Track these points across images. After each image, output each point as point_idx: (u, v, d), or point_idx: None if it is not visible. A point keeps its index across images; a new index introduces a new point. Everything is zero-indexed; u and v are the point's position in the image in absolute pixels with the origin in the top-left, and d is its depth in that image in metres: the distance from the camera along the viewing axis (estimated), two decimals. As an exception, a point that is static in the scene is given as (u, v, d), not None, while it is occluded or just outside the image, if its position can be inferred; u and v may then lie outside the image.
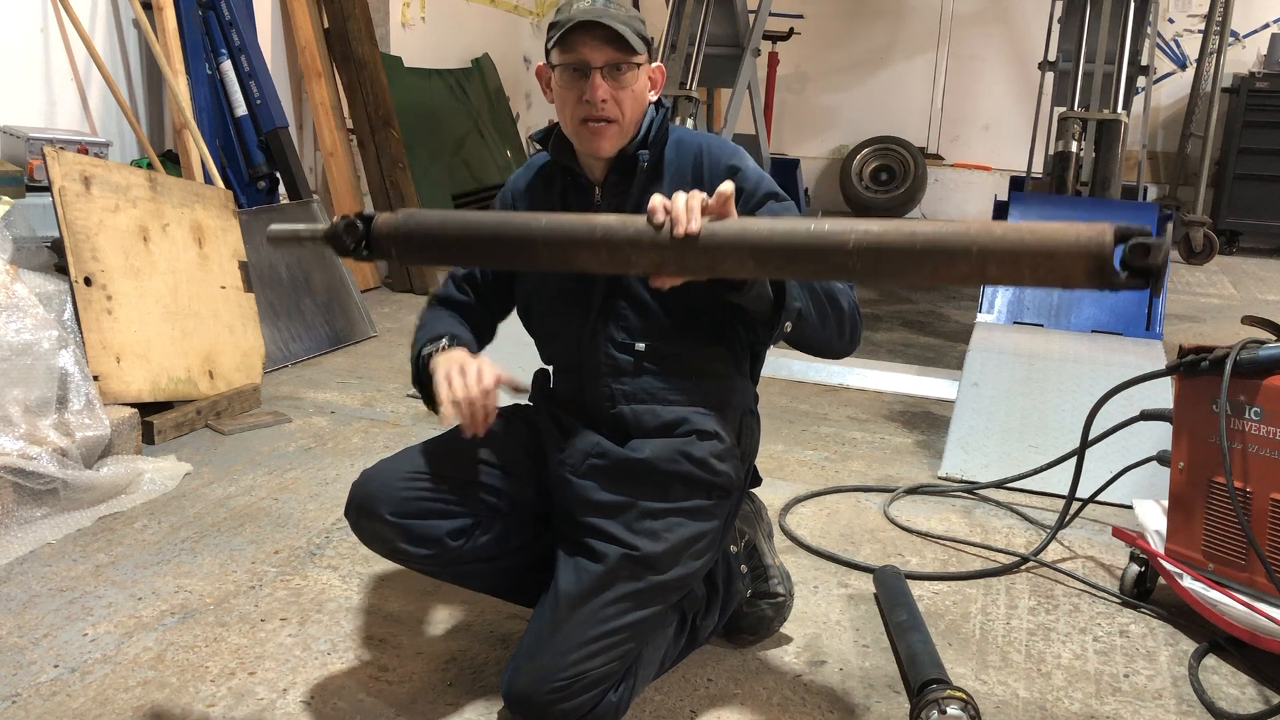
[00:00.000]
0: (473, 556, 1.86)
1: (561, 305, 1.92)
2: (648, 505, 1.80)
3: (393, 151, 4.96)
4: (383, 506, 1.80)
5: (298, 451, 3.08)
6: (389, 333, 4.38)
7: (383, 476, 1.83)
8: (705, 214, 1.51)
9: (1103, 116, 4.42)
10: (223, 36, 4.19)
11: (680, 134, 1.92)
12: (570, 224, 1.57)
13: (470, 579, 1.97)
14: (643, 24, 1.82)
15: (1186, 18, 7.97)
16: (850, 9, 8.62)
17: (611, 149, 1.83)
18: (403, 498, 1.80)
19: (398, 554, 1.84)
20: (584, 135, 1.81)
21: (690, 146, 1.89)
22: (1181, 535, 2.21)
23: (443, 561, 1.85)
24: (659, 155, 1.88)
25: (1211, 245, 6.65)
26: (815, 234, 1.44)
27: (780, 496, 2.83)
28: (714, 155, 1.87)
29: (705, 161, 1.86)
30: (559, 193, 1.93)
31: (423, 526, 1.80)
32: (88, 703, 1.86)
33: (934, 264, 1.41)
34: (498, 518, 1.88)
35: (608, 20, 1.73)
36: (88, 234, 2.98)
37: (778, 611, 2.11)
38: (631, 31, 1.76)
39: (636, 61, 1.78)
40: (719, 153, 1.87)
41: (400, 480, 1.82)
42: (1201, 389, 2.14)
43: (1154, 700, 1.99)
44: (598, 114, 1.77)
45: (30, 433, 2.52)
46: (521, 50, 7.51)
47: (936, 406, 3.70)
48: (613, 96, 1.77)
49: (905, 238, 1.41)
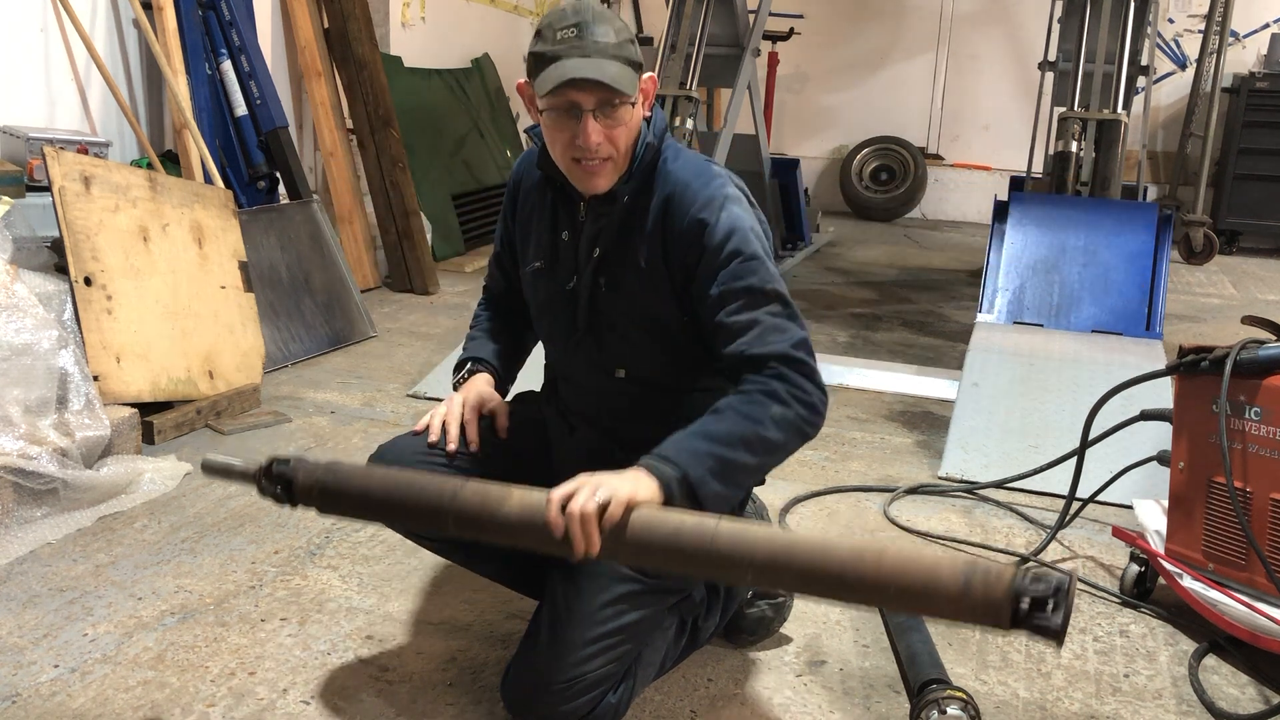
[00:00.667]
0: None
1: (553, 313, 1.92)
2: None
3: (393, 151, 4.96)
4: None
5: (298, 452, 3.08)
6: (389, 333, 4.38)
7: (398, 449, 1.87)
8: (604, 526, 1.47)
9: (1103, 116, 4.42)
10: (223, 36, 4.19)
11: (668, 160, 1.80)
12: (482, 503, 1.54)
13: (478, 560, 1.98)
14: (632, 42, 1.70)
15: (1186, 18, 7.97)
16: (850, 9, 8.62)
17: (607, 185, 1.75)
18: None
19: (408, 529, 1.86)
20: (577, 174, 1.75)
21: (668, 184, 1.77)
22: (1181, 535, 2.21)
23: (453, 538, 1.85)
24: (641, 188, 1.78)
25: (1211, 245, 6.65)
26: (716, 551, 1.43)
27: (780, 496, 2.83)
28: (684, 205, 1.74)
29: (674, 211, 1.75)
30: (550, 201, 1.90)
31: None
32: (88, 703, 1.86)
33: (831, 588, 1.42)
34: None
35: (597, 67, 1.63)
36: (88, 234, 2.98)
37: (777, 612, 2.11)
38: (622, 64, 1.66)
39: (630, 100, 1.69)
40: (690, 202, 1.74)
41: (414, 455, 1.85)
42: (1201, 389, 2.14)
43: (1154, 700, 1.99)
44: (591, 156, 1.70)
45: (30, 433, 2.52)
46: (521, 50, 7.50)
47: (936, 406, 3.70)
48: (607, 136, 1.69)
49: (811, 561, 1.41)
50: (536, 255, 1.90)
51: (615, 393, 1.87)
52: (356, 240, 4.97)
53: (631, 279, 1.79)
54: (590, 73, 1.63)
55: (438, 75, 6.16)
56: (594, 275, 1.81)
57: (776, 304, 1.70)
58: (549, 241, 1.87)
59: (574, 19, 1.65)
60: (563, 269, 1.86)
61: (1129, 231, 4.09)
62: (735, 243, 1.70)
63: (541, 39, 1.68)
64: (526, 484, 1.89)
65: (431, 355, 4.07)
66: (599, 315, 1.83)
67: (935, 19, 8.54)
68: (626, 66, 1.67)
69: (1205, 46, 6.93)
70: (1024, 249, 4.16)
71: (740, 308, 1.68)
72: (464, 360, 2.04)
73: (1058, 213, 4.22)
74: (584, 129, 1.67)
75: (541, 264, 1.89)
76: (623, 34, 1.69)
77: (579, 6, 1.68)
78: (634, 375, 1.84)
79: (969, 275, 6.20)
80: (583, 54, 1.64)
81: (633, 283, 1.79)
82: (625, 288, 1.80)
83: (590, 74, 1.63)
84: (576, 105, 1.66)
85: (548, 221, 1.88)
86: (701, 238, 1.71)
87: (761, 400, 1.63)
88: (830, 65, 8.77)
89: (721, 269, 1.70)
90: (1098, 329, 3.89)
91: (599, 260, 1.80)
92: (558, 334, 1.92)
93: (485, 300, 2.15)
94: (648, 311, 1.79)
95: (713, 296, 1.70)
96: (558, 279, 1.87)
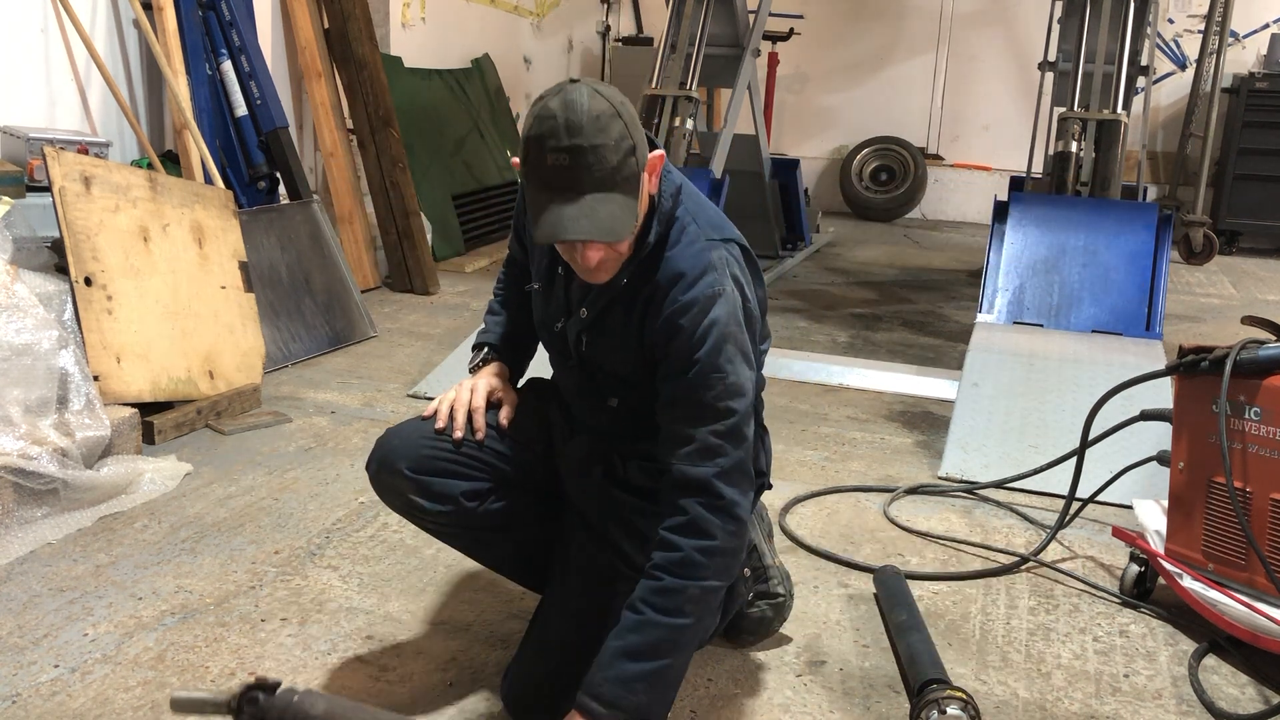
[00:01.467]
0: (485, 522, 1.88)
1: (548, 333, 1.92)
2: (643, 505, 1.81)
3: (393, 151, 4.96)
4: (402, 461, 1.82)
5: (298, 451, 3.08)
6: (389, 333, 4.38)
7: (405, 434, 1.87)
8: None
9: (1103, 116, 4.42)
10: (223, 37, 4.19)
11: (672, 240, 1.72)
12: None
13: (480, 547, 1.98)
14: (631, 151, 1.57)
15: (1186, 18, 7.97)
16: (850, 9, 8.62)
17: (608, 277, 1.71)
18: (422, 455, 1.83)
19: (413, 509, 1.86)
20: (576, 268, 1.71)
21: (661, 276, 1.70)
22: (1181, 535, 2.21)
23: (456, 521, 1.86)
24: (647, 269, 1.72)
25: (1211, 245, 6.65)
26: None
27: (780, 496, 2.83)
28: (669, 303, 1.68)
29: (657, 306, 1.70)
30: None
31: (439, 484, 1.82)
32: (88, 703, 1.86)
33: None
34: (513, 488, 1.90)
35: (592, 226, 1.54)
36: (88, 234, 2.98)
37: (778, 612, 2.11)
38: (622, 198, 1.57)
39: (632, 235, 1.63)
40: (674, 301, 1.68)
41: (422, 438, 1.85)
42: (1201, 389, 2.14)
43: (1154, 700, 1.99)
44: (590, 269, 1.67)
45: (30, 433, 2.52)
46: (521, 51, 7.52)
47: (936, 406, 3.70)
48: (608, 252, 1.64)
49: None
50: (537, 276, 1.91)
51: (609, 415, 1.88)
52: (356, 240, 4.97)
53: (612, 344, 1.79)
54: (584, 233, 1.55)
55: (438, 75, 6.16)
56: (578, 331, 1.83)
57: (722, 421, 1.65)
58: (548, 268, 1.87)
59: (567, 141, 1.52)
60: (555, 305, 1.87)
61: (1129, 232, 4.09)
62: (705, 353, 1.65)
63: (532, 153, 1.57)
64: (528, 478, 1.91)
65: (432, 355, 4.07)
66: (587, 360, 1.85)
67: (935, 19, 8.54)
68: (627, 197, 1.58)
69: (1205, 46, 6.93)
70: (1024, 249, 4.16)
71: (686, 419, 1.66)
72: (480, 344, 2.04)
73: (1058, 213, 4.22)
74: (582, 254, 1.63)
75: (539, 287, 1.91)
76: (622, 143, 1.56)
77: (572, 120, 1.53)
78: (625, 404, 1.85)
79: (969, 275, 6.20)
80: (578, 193, 1.55)
81: (613, 347, 1.79)
82: (607, 349, 1.80)
83: (583, 235, 1.56)
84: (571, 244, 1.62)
85: (548, 251, 1.86)
86: (674, 340, 1.67)
87: (675, 588, 1.61)
88: (830, 65, 8.77)
89: (681, 376, 1.67)
90: (1098, 329, 3.89)
91: (586, 322, 1.81)
92: (554, 353, 1.94)
93: (506, 268, 2.13)
94: (630, 368, 1.80)
95: (665, 397, 1.69)
96: (550, 311, 1.88)
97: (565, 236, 1.56)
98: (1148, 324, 3.90)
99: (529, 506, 1.94)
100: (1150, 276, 3.99)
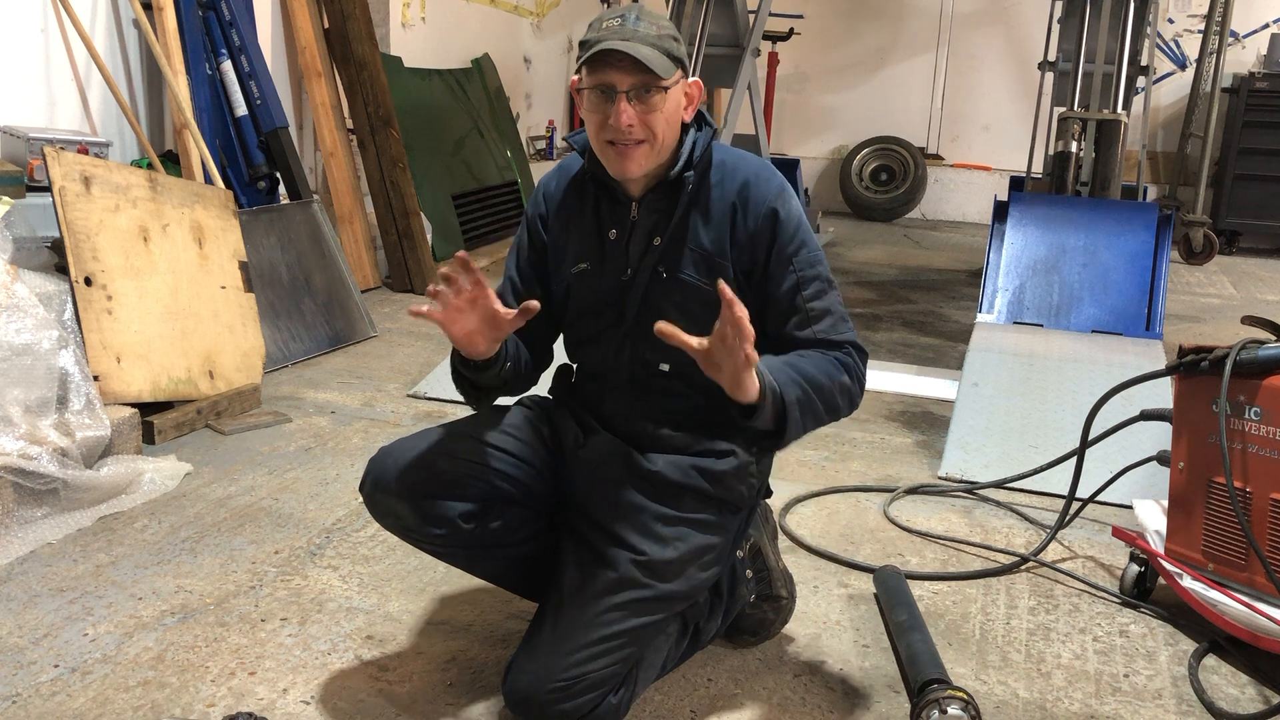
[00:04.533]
0: (483, 541, 1.87)
1: (597, 313, 1.92)
2: (659, 510, 1.81)
3: (393, 151, 4.96)
4: (397, 483, 1.81)
5: (298, 451, 3.08)
6: (389, 333, 4.38)
7: (400, 454, 1.84)
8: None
9: (1102, 116, 4.42)
10: (223, 36, 4.19)
11: (725, 156, 1.88)
12: None
13: (479, 565, 1.98)
14: (676, 40, 1.78)
15: (1186, 18, 7.97)
16: (850, 9, 8.62)
17: (639, 170, 1.80)
18: (418, 476, 1.81)
19: (409, 532, 1.85)
20: (610, 156, 1.79)
21: (736, 176, 1.85)
22: (1181, 535, 2.22)
23: (453, 543, 1.86)
24: (703, 178, 1.86)
25: (1211, 245, 6.65)
26: None
27: (780, 496, 2.83)
28: (758, 195, 1.83)
29: (751, 199, 1.83)
30: (592, 204, 1.91)
31: (436, 506, 1.81)
32: (88, 703, 1.86)
33: None
34: (511, 505, 1.89)
35: (633, 48, 1.70)
36: (88, 234, 2.98)
37: (779, 613, 2.11)
38: (660, 53, 1.73)
39: (665, 85, 1.74)
40: (763, 192, 1.83)
41: (417, 459, 1.83)
42: (1201, 389, 2.14)
43: (1154, 700, 1.99)
44: (624, 138, 1.75)
45: (30, 433, 2.52)
46: (521, 50, 7.51)
47: (936, 406, 3.70)
48: (640, 120, 1.74)
49: None
50: (580, 258, 1.91)
51: (654, 390, 1.88)
52: (357, 240, 4.97)
53: (691, 265, 1.85)
54: (628, 40, 1.71)
55: (438, 75, 6.16)
56: (653, 265, 1.85)
57: (838, 293, 1.89)
58: (595, 242, 1.89)
59: (620, 12, 1.76)
60: (613, 266, 1.88)
61: (1129, 231, 4.10)
62: (803, 234, 1.85)
63: (589, 30, 1.78)
64: (528, 493, 1.88)
65: (432, 355, 4.07)
66: (650, 306, 1.84)
67: (935, 19, 8.54)
68: (664, 56, 1.74)
69: (1205, 46, 6.93)
70: (1024, 249, 4.16)
71: (816, 294, 1.84)
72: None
73: (1058, 213, 4.22)
74: (616, 110, 1.73)
75: (588, 265, 1.90)
76: (665, 30, 1.77)
77: (629, 5, 1.80)
78: (676, 370, 1.85)
79: (969, 275, 6.20)
80: (622, 38, 1.72)
81: (692, 268, 1.85)
82: (684, 274, 1.85)
83: (628, 43, 1.70)
84: (611, 86, 1.73)
85: (590, 224, 1.90)
86: (775, 226, 1.82)
87: (838, 366, 1.81)
88: (830, 65, 8.77)
89: (795, 256, 1.83)
90: (1098, 329, 3.90)
91: (661, 250, 1.85)
92: (602, 332, 1.92)
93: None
94: (702, 296, 1.82)
95: (789, 281, 1.83)
96: (607, 275, 1.89)
97: (606, 47, 1.70)
98: (1148, 324, 3.90)
99: (528, 522, 1.92)
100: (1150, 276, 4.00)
